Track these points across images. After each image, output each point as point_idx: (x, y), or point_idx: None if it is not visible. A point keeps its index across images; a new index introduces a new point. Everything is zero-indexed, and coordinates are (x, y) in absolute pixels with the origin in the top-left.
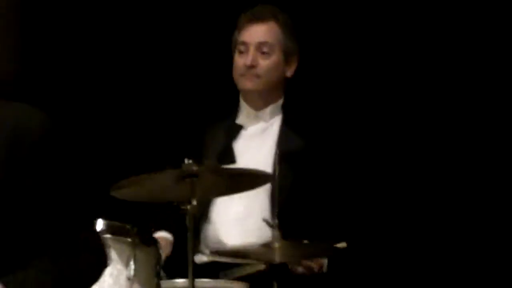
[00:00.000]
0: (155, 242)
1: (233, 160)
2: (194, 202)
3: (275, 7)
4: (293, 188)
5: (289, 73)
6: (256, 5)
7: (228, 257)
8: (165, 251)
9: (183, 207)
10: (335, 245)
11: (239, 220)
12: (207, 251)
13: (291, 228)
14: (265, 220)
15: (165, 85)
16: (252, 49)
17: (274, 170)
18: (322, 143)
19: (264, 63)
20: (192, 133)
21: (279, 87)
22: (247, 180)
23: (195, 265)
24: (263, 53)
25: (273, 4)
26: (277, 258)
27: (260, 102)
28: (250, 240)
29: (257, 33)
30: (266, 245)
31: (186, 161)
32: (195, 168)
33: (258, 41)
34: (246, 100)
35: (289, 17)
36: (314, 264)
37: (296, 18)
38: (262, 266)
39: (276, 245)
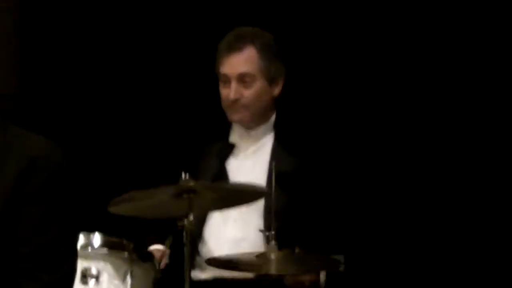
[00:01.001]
0: (151, 257)
1: (226, 180)
2: (191, 218)
3: (254, 29)
4: (287, 207)
5: (276, 92)
6: (251, 21)
7: (224, 267)
8: (160, 262)
9: (180, 223)
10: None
11: (233, 242)
12: (203, 265)
13: (287, 245)
14: (261, 231)
15: (161, 105)
16: (233, 82)
17: (269, 188)
18: (315, 161)
19: (247, 93)
20: (187, 152)
21: (268, 107)
22: (243, 195)
23: (192, 281)
24: (245, 83)
25: (264, 19)
26: (273, 269)
27: (251, 124)
28: None
29: (236, 64)
30: (262, 256)
31: (183, 176)
32: (192, 184)
33: (238, 73)
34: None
35: (278, 35)
36: (306, 278)
37: (287, 35)
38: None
39: (272, 256)
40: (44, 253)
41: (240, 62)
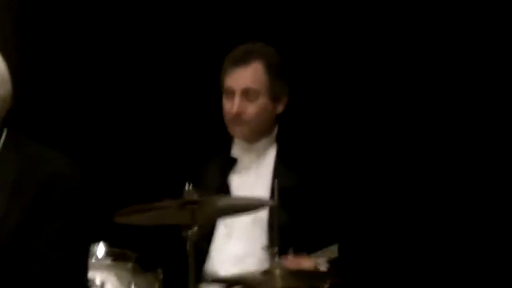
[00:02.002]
0: (155, 268)
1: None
2: (195, 229)
3: (262, 44)
4: (290, 223)
5: (280, 110)
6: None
7: (229, 285)
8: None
9: (184, 234)
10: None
11: (237, 259)
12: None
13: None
14: (265, 247)
15: (166, 117)
16: (237, 95)
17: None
18: (317, 177)
19: (250, 109)
20: (190, 167)
21: (270, 123)
22: (247, 207)
23: None
24: (249, 98)
25: (268, 33)
26: (278, 285)
27: (252, 138)
28: None
29: (241, 78)
30: (267, 272)
31: (187, 187)
32: (195, 196)
33: (243, 87)
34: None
35: (279, 51)
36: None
37: (290, 49)
38: None
39: (277, 272)
40: (57, 270)
41: (246, 76)
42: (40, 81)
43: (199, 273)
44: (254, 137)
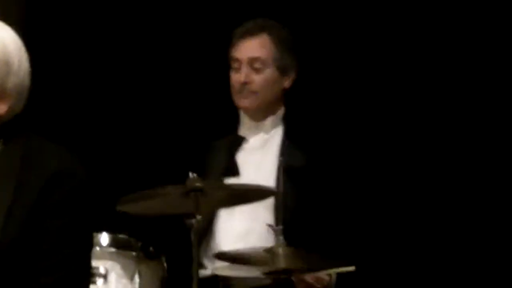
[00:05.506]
0: (159, 256)
1: (236, 174)
2: (199, 217)
3: (271, 20)
4: (296, 204)
5: (287, 84)
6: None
7: (231, 261)
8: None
9: (188, 222)
10: (343, 269)
11: (240, 235)
12: (209, 264)
13: (296, 242)
14: (269, 225)
15: (168, 101)
16: (244, 65)
17: (278, 184)
18: (324, 157)
19: (257, 79)
20: (195, 149)
21: (277, 99)
22: (251, 195)
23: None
24: (256, 68)
25: (275, 16)
26: (281, 264)
27: (259, 115)
28: None
29: (248, 48)
30: (270, 251)
31: (190, 175)
32: (199, 183)
33: (249, 57)
34: (245, 113)
35: (290, 30)
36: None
37: (299, 30)
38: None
39: (280, 251)
40: (62, 267)
41: (253, 46)
42: (43, 67)
43: (202, 253)
44: (260, 110)
